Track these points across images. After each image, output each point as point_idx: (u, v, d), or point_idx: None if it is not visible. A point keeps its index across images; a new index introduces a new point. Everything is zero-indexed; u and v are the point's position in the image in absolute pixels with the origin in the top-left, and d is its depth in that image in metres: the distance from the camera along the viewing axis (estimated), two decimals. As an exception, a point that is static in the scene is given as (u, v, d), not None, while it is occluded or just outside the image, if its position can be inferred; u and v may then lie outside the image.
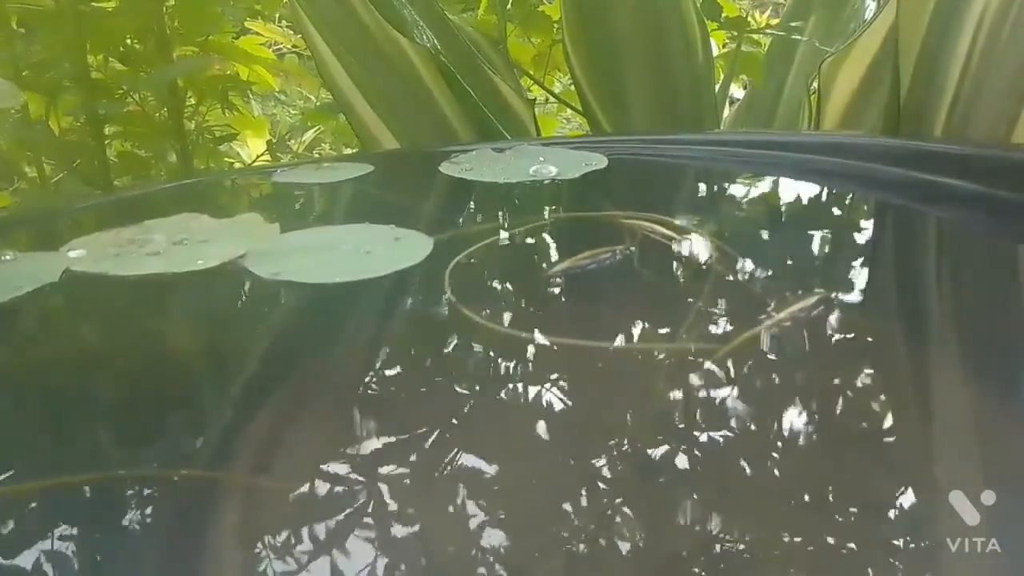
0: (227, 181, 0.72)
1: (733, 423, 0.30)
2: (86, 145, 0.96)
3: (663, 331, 0.39)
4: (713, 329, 0.38)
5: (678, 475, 0.27)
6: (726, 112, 1.46)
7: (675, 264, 0.47)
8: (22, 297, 0.42)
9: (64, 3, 0.92)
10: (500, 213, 0.59)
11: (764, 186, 0.64)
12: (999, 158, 0.54)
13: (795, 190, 0.63)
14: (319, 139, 1.94)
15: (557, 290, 0.44)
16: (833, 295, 0.41)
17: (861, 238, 0.53)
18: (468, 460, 0.28)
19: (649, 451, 0.29)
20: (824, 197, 0.61)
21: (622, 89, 0.96)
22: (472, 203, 0.63)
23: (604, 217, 0.55)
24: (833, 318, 0.39)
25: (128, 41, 0.99)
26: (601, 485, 0.26)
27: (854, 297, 0.42)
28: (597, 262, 0.46)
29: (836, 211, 0.59)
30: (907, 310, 0.42)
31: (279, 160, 1.45)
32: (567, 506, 0.26)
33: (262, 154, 1.24)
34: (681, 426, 0.30)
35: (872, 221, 0.57)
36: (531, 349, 0.37)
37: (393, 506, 0.26)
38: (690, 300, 0.42)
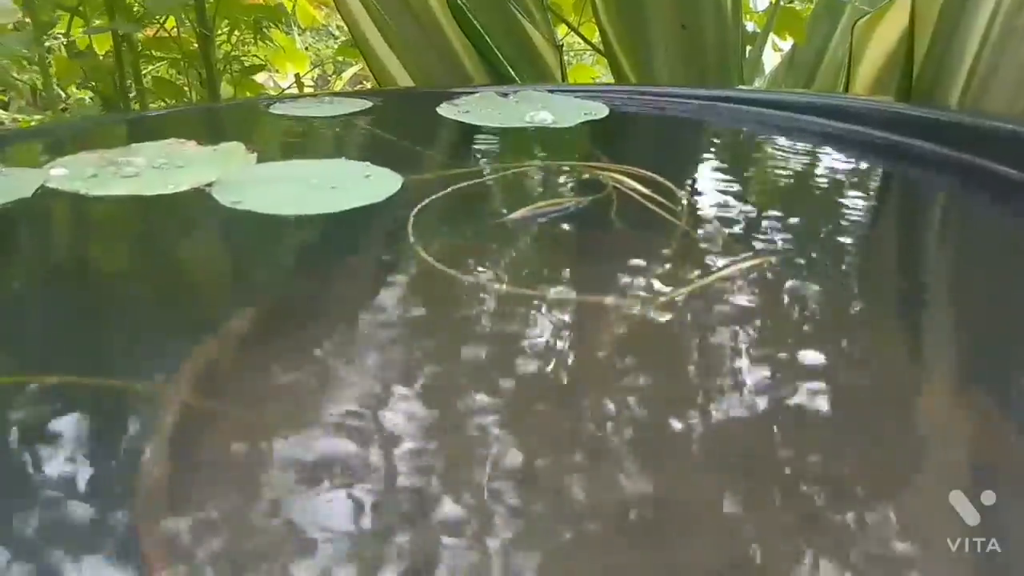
0: (228, 110, 0.72)
1: (656, 379, 0.30)
2: (113, 67, 0.97)
3: (605, 282, 0.38)
4: (653, 283, 0.37)
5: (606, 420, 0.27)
6: (770, 67, 1.41)
7: (637, 218, 0.46)
8: (-11, 210, 0.44)
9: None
10: (481, 157, 0.58)
11: (755, 145, 0.62)
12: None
13: (787, 151, 0.61)
14: (360, 76, 1.94)
15: (511, 237, 0.44)
16: (795, 256, 0.40)
17: (837, 200, 0.51)
18: (387, 401, 0.29)
19: (583, 396, 0.28)
20: (817, 160, 0.59)
21: (647, 40, 0.94)
22: (456, 145, 0.63)
23: (579, 167, 0.54)
24: (784, 279, 0.38)
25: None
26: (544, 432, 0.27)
27: (812, 258, 0.41)
28: (558, 211, 0.46)
29: (826, 174, 0.57)
30: (871, 279, 0.41)
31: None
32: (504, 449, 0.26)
33: (289, 87, 1.25)
34: (611, 376, 0.30)
35: (855, 185, 0.55)
36: (477, 293, 0.37)
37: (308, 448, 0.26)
38: (640, 254, 0.41)
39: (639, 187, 0.49)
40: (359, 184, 0.49)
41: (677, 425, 0.27)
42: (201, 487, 0.24)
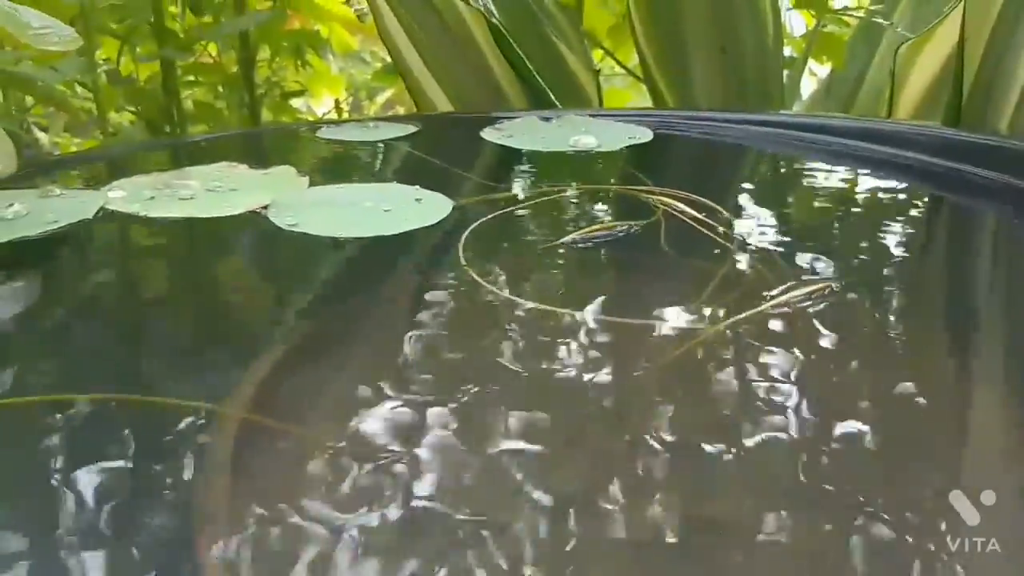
0: (274, 134, 0.74)
1: (686, 414, 0.29)
2: (159, 93, 0.99)
3: (663, 306, 0.38)
4: (714, 307, 0.37)
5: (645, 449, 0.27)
6: (807, 93, 1.41)
7: (689, 242, 0.46)
8: (53, 231, 0.44)
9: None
10: (528, 181, 0.59)
11: (803, 170, 0.62)
12: None
13: (836, 176, 0.61)
14: (394, 100, 1.96)
15: (564, 260, 0.44)
16: (851, 284, 0.39)
17: (892, 226, 0.51)
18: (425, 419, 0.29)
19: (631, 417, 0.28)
20: (866, 186, 0.58)
21: (687, 64, 0.94)
22: (503, 169, 0.63)
23: (627, 191, 0.54)
24: (849, 304, 0.37)
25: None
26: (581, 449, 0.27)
27: (875, 283, 0.41)
28: (610, 234, 0.46)
29: (876, 200, 0.57)
30: (931, 304, 0.41)
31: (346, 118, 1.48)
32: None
33: (328, 112, 1.26)
34: (679, 401, 0.30)
35: (906, 210, 0.55)
36: (531, 317, 0.37)
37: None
38: (696, 279, 0.41)
39: (690, 211, 0.49)
40: (410, 207, 0.49)
41: (750, 447, 0.26)
42: (258, 502, 0.24)
